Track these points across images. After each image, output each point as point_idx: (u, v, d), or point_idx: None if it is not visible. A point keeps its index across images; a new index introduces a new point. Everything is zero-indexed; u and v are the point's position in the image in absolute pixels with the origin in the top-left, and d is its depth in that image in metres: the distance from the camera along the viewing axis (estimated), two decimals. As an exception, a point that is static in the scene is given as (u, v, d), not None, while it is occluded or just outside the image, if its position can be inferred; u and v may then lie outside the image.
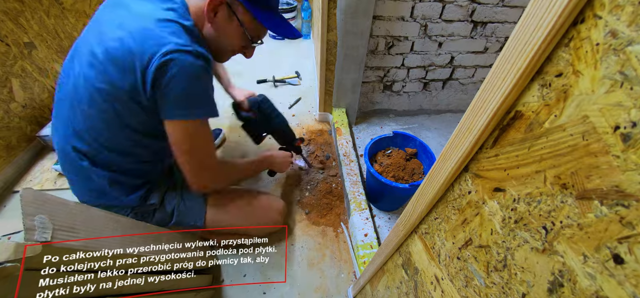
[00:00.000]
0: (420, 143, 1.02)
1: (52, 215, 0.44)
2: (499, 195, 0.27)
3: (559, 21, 0.19)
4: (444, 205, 0.36)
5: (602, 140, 0.17)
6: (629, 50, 0.16)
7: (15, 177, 1.14)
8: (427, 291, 0.42)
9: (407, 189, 0.88)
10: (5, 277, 0.34)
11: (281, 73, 1.83)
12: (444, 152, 0.33)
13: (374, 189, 1.06)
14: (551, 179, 0.21)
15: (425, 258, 0.42)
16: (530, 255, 0.24)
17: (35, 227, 0.40)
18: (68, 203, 0.51)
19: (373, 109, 1.56)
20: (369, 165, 0.96)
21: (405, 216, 0.45)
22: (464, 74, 1.47)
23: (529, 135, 0.23)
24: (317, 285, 0.89)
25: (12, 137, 1.15)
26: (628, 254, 0.17)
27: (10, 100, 1.14)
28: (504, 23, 1.29)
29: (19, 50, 1.17)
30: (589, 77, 0.18)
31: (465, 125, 0.29)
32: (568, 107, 0.20)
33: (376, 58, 1.32)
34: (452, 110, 1.65)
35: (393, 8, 1.15)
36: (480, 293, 0.31)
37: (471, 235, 0.31)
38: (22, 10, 1.19)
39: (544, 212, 0.22)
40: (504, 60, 0.23)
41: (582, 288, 0.20)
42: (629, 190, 0.16)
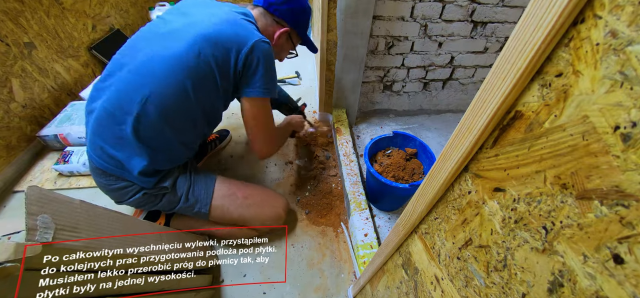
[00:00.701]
0: (420, 143, 1.02)
1: (56, 214, 0.44)
2: (499, 195, 0.27)
3: (559, 21, 0.19)
4: (444, 205, 0.36)
5: (602, 140, 0.17)
6: (629, 50, 0.16)
7: (15, 177, 1.14)
8: (427, 291, 0.42)
9: (407, 189, 0.88)
10: (5, 277, 0.34)
11: (281, 73, 1.83)
12: (444, 152, 0.33)
13: (374, 189, 1.06)
14: (551, 179, 0.21)
15: (425, 258, 0.42)
16: (530, 255, 0.24)
17: (38, 226, 0.40)
18: (72, 202, 0.51)
19: (373, 109, 1.56)
20: (369, 165, 0.96)
21: (405, 216, 0.45)
22: (464, 74, 1.47)
23: (529, 135, 0.23)
24: (317, 285, 0.89)
25: (12, 137, 1.15)
26: (628, 254, 0.17)
27: (10, 100, 1.14)
28: (504, 23, 1.29)
29: (19, 50, 1.17)
30: (589, 77, 0.18)
31: (465, 125, 0.29)
32: (568, 107, 0.20)
33: (376, 58, 1.32)
34: (452, 110, 1.65)
35: (393, 8, 1.15)
36: (480, 293, 0.31)
37: (471, 235, 0.31)
38: (22, 10, 1.19)
39: (544, 212, 0.22)
40: (504, 60, 0.23)
41: (582, 288, 0.19)
42: (629, 190, 0.16)
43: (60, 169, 1.13)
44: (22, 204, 0.43)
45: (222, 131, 1.36)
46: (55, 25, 1.36)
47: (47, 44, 1.31)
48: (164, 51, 0.71)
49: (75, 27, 1.48)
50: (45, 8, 1.31)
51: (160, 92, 0.71)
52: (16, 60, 1.16)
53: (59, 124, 1.22)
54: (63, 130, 1.20)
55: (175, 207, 0.83)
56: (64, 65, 1.40)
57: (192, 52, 0.70)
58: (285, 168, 1.27)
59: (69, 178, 1.15)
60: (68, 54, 1.43)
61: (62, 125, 1.21)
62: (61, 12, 1.40)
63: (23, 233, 0.40)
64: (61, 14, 1.40)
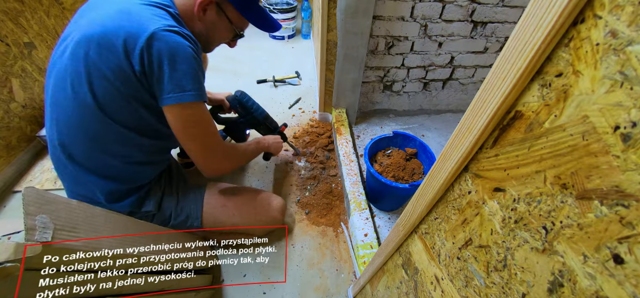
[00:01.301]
0: (420, 143, 1.02)
1: (54, 214, 0.44)
2: (499, 195, 0.27)
3: (559, 21, 0.19)
4: (444, 205, 0.36)
5: (602, 140, 0.17)
6: (629, 50, 0.16)
7: (15, 177, 1.14)
8: (427, 291, 0.42)
9: (407, 189, 0.88)
10: (5, 277, 0.34)
11: (281, 73, 1.83)
12: (444, 152, 0.33)
13: (374, 189, 1.06)
14: (551, 179, 0.21)
15: (425, 258, 0.42)
16: (530, 255, 0.24)
17: (36, 226, 0.40)
18: (71, 202, 0.51)
19: (373, 109, 1.56)
20: (369, 165, 0.96)
21: (405, 216, 0.45)
22: (464, 74, 1.47)
23: (529, 135, 0.23)
24: (317, 285, 0.89)
25: (12, 137, 1.15)
26: (628, 254, 0.17)
27: (10, 100, 1.14)
28: (504, 23, 1.29)
29: (19, 50, 1.17)
30: (589, 77, 0.18)
31: (465, 125, 0.29)
32: (568, 107, 0.20)
33: (376, 58, 1.32)
34: (452, 110, 1.65)
35: (393, 8, 1.15)
36: (480, 293, 0.31)
37: (471, 235, 0.31)
38: (22, 10, 1.19)
39: (544, 212, 0.22)
40: (504, 60, 0.23)
41: (582, 288, 0.19)
42: (629, 190, 0.16)
43: (60, 169, 1.13)
44: (21, 204, 0.43)
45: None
46: (55, 25, 1.36)
47: (47, 44, 1.31)
48: (59, 61, 0.61)
49: (75, 27, 1.48)
50: (45, 8, 1.31)
51: (63, 117, 0.62)
52: (16, 60, 1.16)
53: (59, 124, 1.22)
54: (63, 130, 1.20)
55: (168, 224, 0.81)
56: (64, 65, 1.40)
57: (79, 61, 0.58)
58: (285, 168, 1.27)
59: (69, 178, 1.15)
60: (68, 54, 1.43)
61: (62, 125, 1.21)
62: (61, 12, 1.40)
63: (23, 234, 0.40)
64: (61, 14, 1.40)
